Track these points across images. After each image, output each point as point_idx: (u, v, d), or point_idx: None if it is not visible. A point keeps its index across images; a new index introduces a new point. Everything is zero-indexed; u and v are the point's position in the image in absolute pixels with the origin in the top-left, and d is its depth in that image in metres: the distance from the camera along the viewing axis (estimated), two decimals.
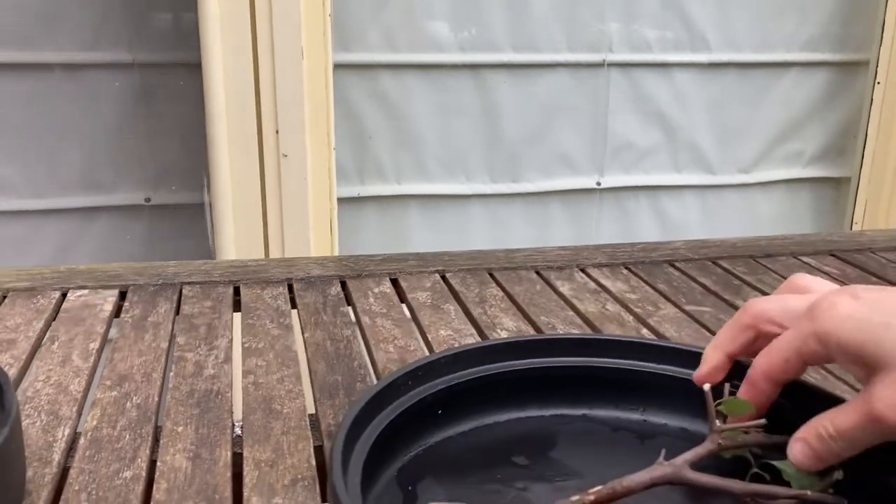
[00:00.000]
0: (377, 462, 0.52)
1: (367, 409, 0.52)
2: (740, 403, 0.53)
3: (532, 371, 0.60)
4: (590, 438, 0.58)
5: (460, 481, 0.53)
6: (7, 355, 0.69)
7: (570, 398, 0.60)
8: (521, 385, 0.60)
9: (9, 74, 1.46)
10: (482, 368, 0.59)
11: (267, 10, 1.37)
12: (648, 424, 0.59)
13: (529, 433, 0.58)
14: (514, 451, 0.56)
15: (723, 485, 0.50)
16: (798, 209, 1.97)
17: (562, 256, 0.98)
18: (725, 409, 0.53)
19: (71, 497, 0.50)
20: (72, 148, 1.51)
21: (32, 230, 1.53)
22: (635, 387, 0.60)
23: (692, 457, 0.51)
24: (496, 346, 0.61)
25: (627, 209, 1.86)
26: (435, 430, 0.56)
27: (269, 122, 1.42)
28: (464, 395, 0.58)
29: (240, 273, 0.89)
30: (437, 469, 0.54)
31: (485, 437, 0.57)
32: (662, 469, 0.50)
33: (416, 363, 0.57)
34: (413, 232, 1.74)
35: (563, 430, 0.59)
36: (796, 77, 1.87)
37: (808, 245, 1.06)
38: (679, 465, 0.50)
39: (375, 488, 0.51)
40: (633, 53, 1.75)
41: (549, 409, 0.60)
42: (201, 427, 0.58)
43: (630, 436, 0.57)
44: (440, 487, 0.52)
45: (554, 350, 0.61)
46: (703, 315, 0.82)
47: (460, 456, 0.55)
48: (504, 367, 0.60)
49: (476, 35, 1.67)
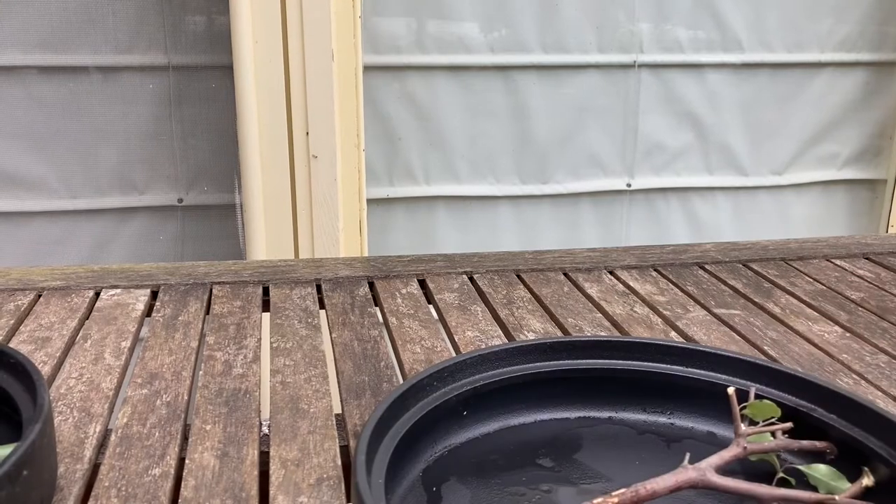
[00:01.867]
0: (402, 462, 0.52)
1: (392, 410, 0.52)
2: (766, 407, 0.53)
3: (557, 373, 0.60)
4: (615, 441, 0.58)
5: (484, 483, 0.53)
6: (41, 353, 0.70)
7: (596, 400, 0.60)
8: (547, 387, 0.60)
9: (46, 77, 1.48)
10: (507, 370, 0.59)
11: (297, 13, 1.38)
12: (675, 428, 0.59)
13: (555, 435, 0.58)
14: (538, 453, 0.56)
15: (748, 489, 0.50)
16: (832, 212, 1.94)
17: (590, 258, 0.97)
18: (751, 412, 0.53)
19: (101, 493, 0.51)
20: (106, 149, 1.53)
21: (67, 230, 1.56)
22: (662, 390, 0.59)
23: (718, 461, 0.50)
24: (522, 347, 0.61)
25: (658, 211, 1.84)
26: (460, 431, 0.57)
27: (299, 123, 1.43)
28: (489, 396, 0.58)
29: (269, 273, 0.90)
30: (462, 470, 0.54)
31: (510, 438, 0.57)
32: (687, 473, 0.49)
33: (441, 364, 0.57)
34: (441, 233, 1.74)
35: (588, 432, 0.58)
36: (831, 77, 1.84)
37: (841, 248, 1.04)
38: (704, 468, 0.50)
39: (400, 489, 0.51)
40: (664, 54, 1.74)
41: (575, 411, 0.60)
42: (229, 426, 0.59)
43: (656, 439, 0.57)
44: (465, 489, 0.52)
45: (580, 352, 0.61)
46: (733, 318, 0.81)
47: (485, 457, 0.55)
48: (529, 369, 0.60)
49: (505, 36, 1.66)
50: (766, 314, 0.83)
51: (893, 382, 0.69)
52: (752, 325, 0.80)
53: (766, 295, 0.88)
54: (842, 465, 0.52)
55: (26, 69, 1.47)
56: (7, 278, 0.86)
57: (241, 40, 1.37)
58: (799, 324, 0.80)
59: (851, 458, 0.52)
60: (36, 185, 1.52)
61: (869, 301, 0.87)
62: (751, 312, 0.83)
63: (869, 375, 0.70)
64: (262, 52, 1.39)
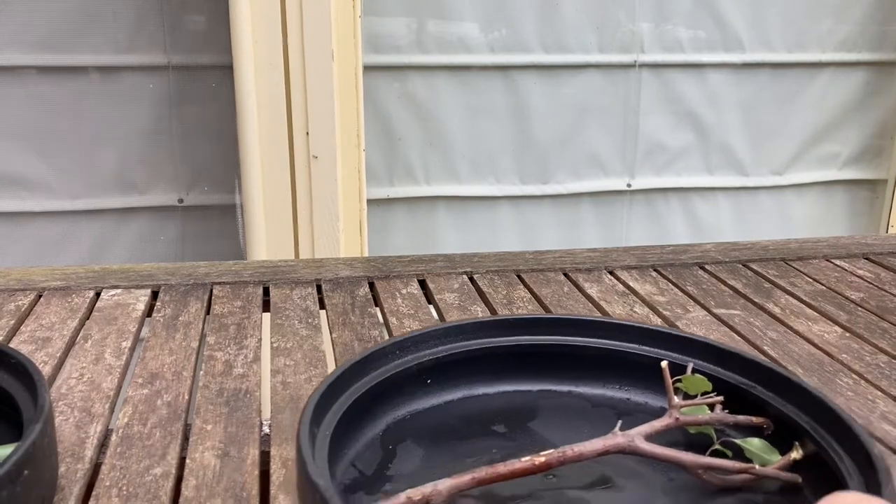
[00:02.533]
0: (361, 422, 0.55)
1: (352, 372, 0.55)
2: (698, 381, 0.55)
3: (520, 347, 0.63)
4: (570, 413, 0.61)
5: (438, 445, 0.56)
6: (42, 353, 0.70)
7: (558, 375, 0.63)
8: (511, 361, 0.63)
9: (46, 77, 1.48)
10: (470, 343, 0.62)
11: (297, 13, 1.38)
12: (630, 403, 0.61)
13: (514, 405, 0.61)
14: (495, 420, 0.59)
15: (674, 456, 0.52)
16: (833, 212, 1.94)
17: (590, 258, 0.97)
18: (684, 386, 0.55)
19: (102, 493, 0.51)
20: (106, 149, 1.53)
21: (67, 230, 1.56)
22: (621, 366, 0.62)
23: (648, 429, 0.53)
24: (486, 322, 0.64)
25: (658, 211, 1.84)
26: (424, 398, 0.60)
27: (299, 123, 1.43)
28: (452, 366, 0.61)
29: (269, 273, 0.90)
30: (420, 433, 0.57)
31: (471, 406, 0.61)
32: (616, 439, 0.51)
33: (405, 335, 0.61)
34: (442, 233, 1.74)
35: (546, 403, 0.62)
36: (831, 77, 1.84)
37: (841, 248, 1.04)
38: (633, 435, 0.52)
39: (358, 445, 0.54)
40: (664, 54, 1.74)
41: (537, 384, 0.63)
42: (230, 425, 0.59)
43: (610, 412, 0.59)
44: (419, 449, 0.56)
45: (543, 329, 0.64)
46: (733, 318, 0.81)
47: (444, 422, 0.59)
48: (492, 343, 0.63)
49: (506, 36, 1.66)
50: (766, 314, 0.83)
51: (893, 382, 0.69)
52: (751, 326, 0.80)
53: (766, 295, 0.88)
54: (777, 440, 0.54)
55: (26, 69, 1.47)
56: (7, 278, 0.86)
57: (241, 40, 1.37)
58: (799, 324, 0.80)
59: (786, 433, 0.54)
60: (36, 186, 1.52)
61: (869, 301, 0.87)
62: (751, 313, 0.83)
63: (869, 375, 0.70)
64: (262, 52, 1.39)
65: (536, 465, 0.49)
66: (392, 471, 0.53)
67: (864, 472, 0.47)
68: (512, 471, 0.49)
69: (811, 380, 0.69)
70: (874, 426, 0.62)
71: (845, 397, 0.66)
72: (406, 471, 0.53)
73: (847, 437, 0.50)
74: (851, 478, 0.48)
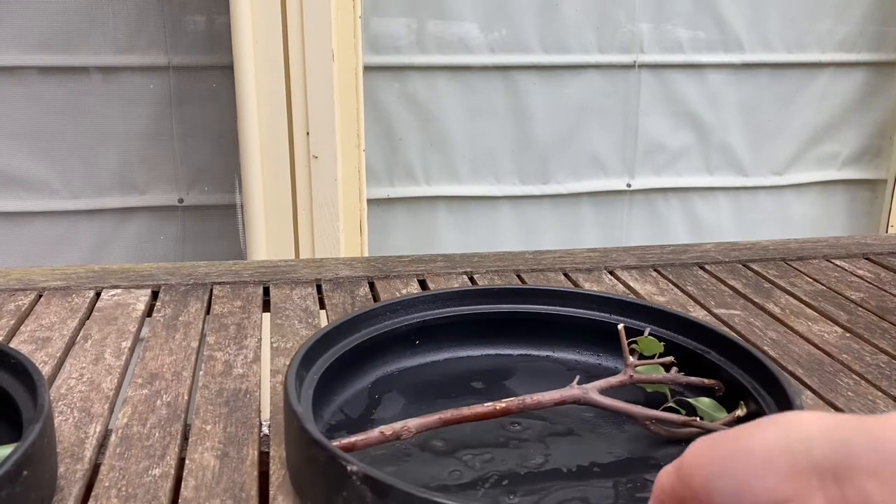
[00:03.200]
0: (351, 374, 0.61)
1: (342, 329, 0.61)
2: (652, 343, 0.61)
3: (503, 315, 0.69)
4: (545, 374, 0.66)
5: (419, 396, 0.62)
6: (42, 353, 0.70)
7: (538, 341, 0.69)
8: (494, 327, 0.68)
9: (46, 77, 1.48)
10: (457, 309, 0.68)
11: (298, 13, 1.38)
12: (601, 367, 0.67)
13: (494, 367, 0.67)
14: (475, 378, 0.65)
15: (624, 408, 0.57)
16: (832, 212, 1.94)
17: (590, 258, 0.97)
18: (640, 347, 0.61)
19: (101, 493, 0.51)
20: (107, 149, 1.53)
21: (68, 230, 1.56)
22: (595, 335, 0.68)
23: (604, 384, 0.58)
24: (472, 291, 0.70)
25: (658, 211, 1.84)
26: (412, 357, 0.66)
27: (299, 123, 1.43)
28: (439, 329, 0.67)
29: (269, 273, 0.90)
30: (405, 386, 0.63)
31: (455, 366, 0.67)
32: (572, 391, 0.57)
33: (395, 299, 0.67)
34: (442, 233, 1.74)
35: (524, 366, 0.67)
36: (831, 77, 1.84)
37: (841, 248, 1.04)
38: (588, 388, 0.57)
39: (346, 393, 0.61)
40: (664, 54, 1.74)
41: (518, 349, 0.69)
42: (229, 426, 0.59)
43: (581, 374, 0.63)
44: (402, 398, 0.62)
45: (525, 298, 0.70)
46: (733, 318, 0.81)
47: (428, 378, 0.65)
48: (477, 310, 0.68)
49: (506, 36, 1.66)
50: (766, 314, 0.83)
51: (893, 382, 0.69)
52: (752, 326, 0.80)
53: (766, 295, 0.88)
54: (727, 400, 0.59)
55: (26, 69, 1.47)
56: (8, 278, 0.86)
57: (241, 40, 1.37)
58: (799, 324, 0.80)
59: (735, 394, 0.59)
60: (36, 186, 1.52)
61: (869, 301, 0.87)
62: (751, 313, 0.83)
63: (869, 376, 0.70)
64: (262, 52, 1.39)
65: (497, 410, 0.54)
66: (375, 416, 0.59)
67: None
68: (475, 413, 0.54)
69: (811, 380, 0.69)
70: None
71: (846, 398, 0.66)
72: (387, 417, 0.58)
73: (779, 395, 0.55)
74: None
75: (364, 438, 0.51)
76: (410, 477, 0.51)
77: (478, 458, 0.54)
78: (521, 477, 0.53)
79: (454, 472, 0.53)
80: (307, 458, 0.47)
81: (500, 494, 0.51)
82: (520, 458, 0.54)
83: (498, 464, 0.54)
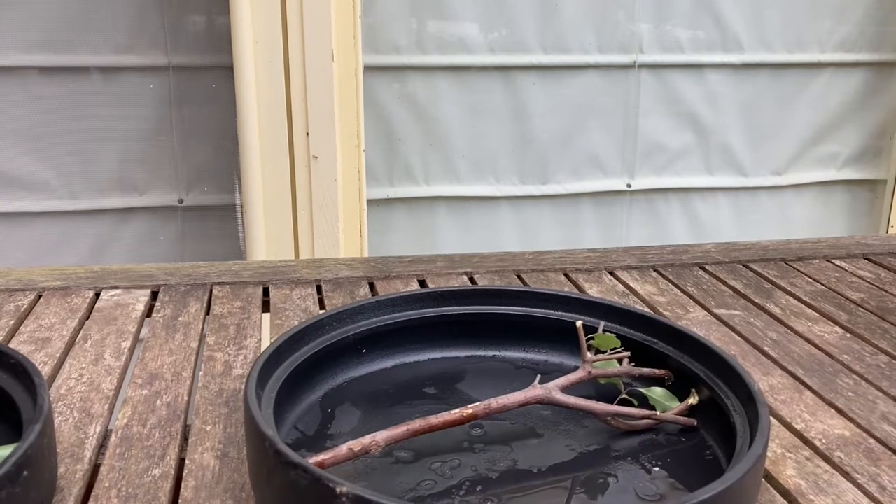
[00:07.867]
0: (301, 389, 0.60)
1: (290, 343, 0.60)
2: (609, 338, 0.62)
3: (447, 317, 0.69)
4: (495, 374, 0.67)
5: (374, 406, 0.62)
6: (42, 353, 0.70)
7: (483, 342, 0.69)
8: (439, 330, 0.68)
9: (46, 77, 1.48)
10: (402, 314, 0.68)
11: (298, 14, 1.38)
12: (548, 364, 0.68)
13: (443, 370, 0.67)
14: (426, 384, 0.65)
15: (586, 405, 0.58)
16: (832, 212, 1.94)
17: (590, 259, 0.97)
18: (597, 343, 0.62)
19: (101, 493, 0.51)
20: (107, 150, 1.53)
21: (67, 231, 1.55)
22: (539, 332, 0.68)
23: (564, 382, 0.59)
24: (415, 295, 0.69)
25: (658, 211, 1.84)
26: (359, 367, 0.65)
27: (299, 124, 1.43)
28: (385, 336, 0.66)
29: (269, 274, 0.90)
30: (357, 397, 0.63)
31: (404, 373, 0.66)
32: (535, 391, 0.57)
33: (340, 307, 0.66)
34: (442, 233, 1.74)
35: (473, 367, 0.68)
36: (831, 78, 1.84)
37: (842, 248, 1.04)
38: (550, 388, 0.58)
39: (298, 409, 0.59)
40: (664, 54, 1.74)
41: (464, 351, 0.69)
42: (229, 426, 0.59)
43: (530, 372, 0.65)
44: (356, 410, 0.61)
45: (468, 299, 0.70)
46: (733, 319, 0.81)
47: (379, 387, 0.64)
48: (422, 314, 0.68)
49: (505, 36, 1.66)
50: (767, 315, 0.83)
51: (894, 383, 0.69)
52: (752, 326, 0.80)
53: (766, 295, 0.88)
54: (678, 389, 0.61)
55: (26, 69, 1.47)
56: (7, 278, 0.86)
57: (241, 40, 1.37)
58: (799, 324, 0.80)
59: (685, 382, 0.61)
60: (36, 186, 1.52)
61: (869, 301, 0.87)
62: (751, 313, 0.83)
63: (869, 376, 0.70)
64: (262, 52, 1.39)
65: (465, 416, 0.54)
66: (332, 430, 0.58)
67: (746, 406, 0.54)
68: (444, 422, 0.54)
69: (812, 380, 0.69)
70: (874, 427, 0.62)
71: (846, 398, 0.66)
72: (345, 430, 0.58)
73: (732, 378, 0.56)
74: (737, 412, 0.54)
75: (332, 457, 0.49)
76: (384, 491, 0.50)
77: (446, 465, 0.54)
78: (494, 481, 0.53)
79: (426, 482, 0.52)
80: (286, 483, 0.45)
81: (481, 502, 0.51)
82: (488, 463, 0.55)
83: (467, 470, 0.54)
